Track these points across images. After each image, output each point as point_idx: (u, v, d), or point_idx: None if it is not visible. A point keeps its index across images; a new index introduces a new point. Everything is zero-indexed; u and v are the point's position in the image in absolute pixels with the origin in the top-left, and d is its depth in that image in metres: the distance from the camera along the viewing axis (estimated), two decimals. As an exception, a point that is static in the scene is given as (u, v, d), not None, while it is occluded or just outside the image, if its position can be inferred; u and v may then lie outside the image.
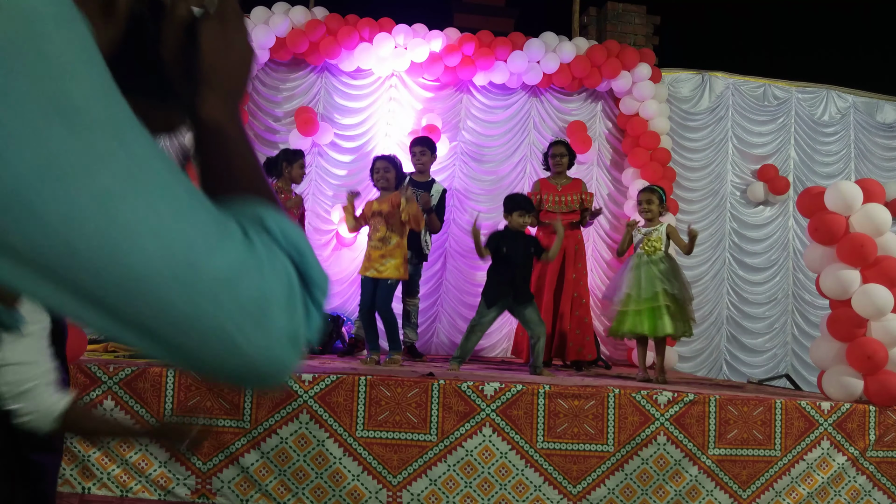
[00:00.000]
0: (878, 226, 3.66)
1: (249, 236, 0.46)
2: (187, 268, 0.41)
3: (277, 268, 0.46)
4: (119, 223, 0.39)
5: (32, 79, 0.37)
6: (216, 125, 0.57)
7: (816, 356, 3.90)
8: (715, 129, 6.72)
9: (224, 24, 0.60)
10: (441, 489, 3.01)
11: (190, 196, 0.43)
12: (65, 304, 0.40)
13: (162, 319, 0.41)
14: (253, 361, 0.44)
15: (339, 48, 5.91)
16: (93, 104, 0.39)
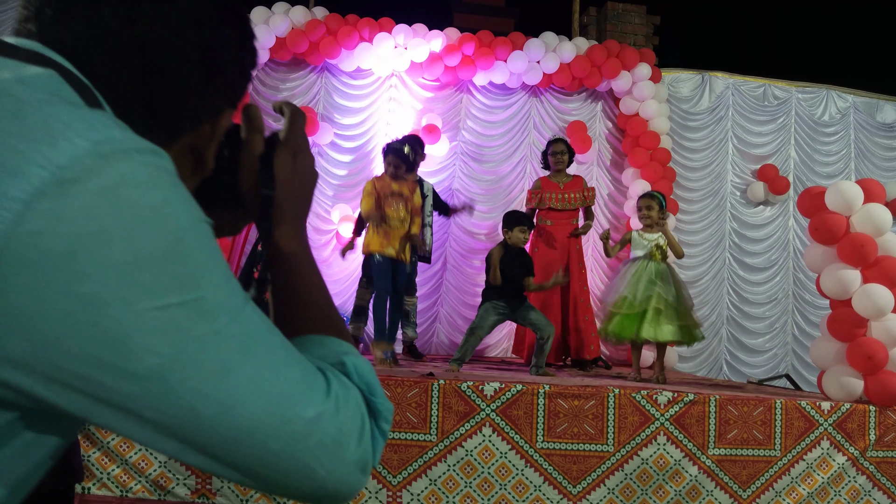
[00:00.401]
0: (878, 226, 3.66)
1: (329, 379, 0.53)
2: (283, 419, 0.48)
3: (351, 405, 0.53)
4: (234, 390, 0.46)
5: (176, 283, 0.44)
6: (291, 254, 0.66)
7: (816, 356, 3.90)
8: (715, 129, 6.72)
9: (294, 154, 0.67)
10: (441, 489, 3.01)
11: (286, 354, 0.51)
12: (174, 451, 0.48)
13: (255, 460, 0.48)
14: (327, 487, 0.51)
15: (339, 48, 5.91)
16: (219, 294, 0.47)
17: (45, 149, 0.41)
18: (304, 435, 0.49)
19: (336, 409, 0.51)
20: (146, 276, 0.43)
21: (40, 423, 0.48)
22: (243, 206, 0.67)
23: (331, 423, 0.50)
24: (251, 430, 0.47)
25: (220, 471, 0.49)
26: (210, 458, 0.48)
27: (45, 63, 0.49)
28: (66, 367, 0.43)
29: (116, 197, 0.42)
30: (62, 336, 0.42)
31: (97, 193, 0.42)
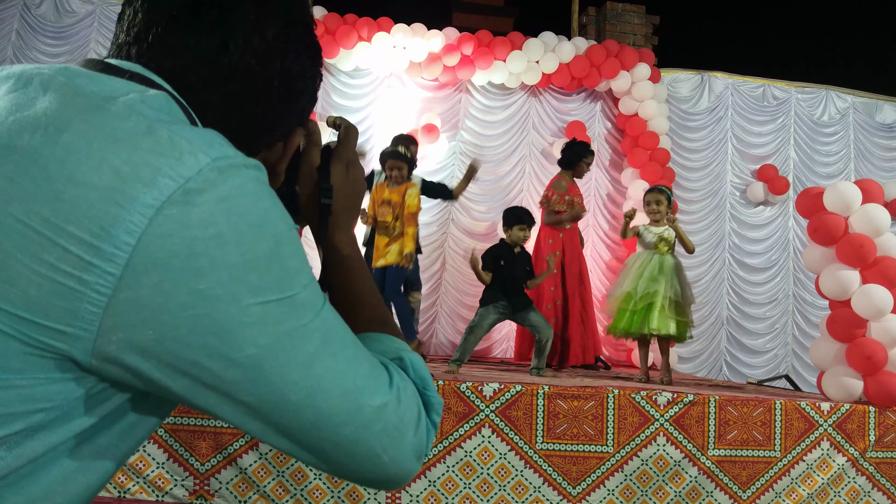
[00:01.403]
0: (877, 226, 3.66)
1: (391, 373, 0.59)
2: (356, 407, 0.54)
3: (410, 397, 0.59)
4: (316, 379, 0.52)
5: (276, 283, 0.50)
6: (346, 257, 0.72)
7: (816, 357, 3.89)
8: (714, 130, 6.71)
9: (347, 166, 0.74)
10: (440, 490, 3.00)
11: (356, 349, 0.57)
12: (258, 432, 0.53)
13: (329, 444, 0.54)
14: (388, 471, 0.57)
15: (337, 47, 5.90)
16: (307, 293, 0.53)
17: (173, 163, 0.47)
18: (371, 422, 0.54)
19: (398, 401, 0.57)
20: (252, 276, 0.49)
21: (146, 405, 0.55)
22: (299, 213, 0.73)
23: (394, 412, 0.56)
24: (329, 415, 0.53)
25: (297, 453, 0.55)
26: (291, 440, 0.54)
27: (153, 85, 0.56)
28: (180, 354, 0.48)
29: (231, 206, 0.49)
30: (181, 326, 0.47)
31: (216, 202, 0.48)
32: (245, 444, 2.93)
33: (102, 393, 0.51)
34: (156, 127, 0.49)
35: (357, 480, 0.57)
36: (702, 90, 6.73)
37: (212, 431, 2.92)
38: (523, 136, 6.47)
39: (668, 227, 4.25)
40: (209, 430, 2.92)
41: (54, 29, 5.96)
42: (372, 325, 0.67)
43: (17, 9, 5.92)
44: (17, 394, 0.47)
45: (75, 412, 0.50)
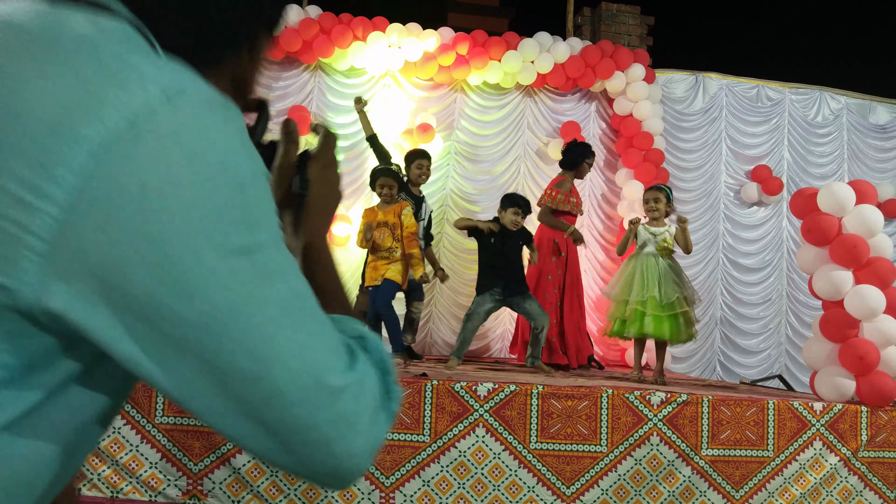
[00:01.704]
0: (870, 227, 3.67)
1: (356, 354, 0.54)
2: (315, 385, 0.49)
3: (370, 383, 0.54)
4: (275, 348, 0.47)
5: (234, 231, 0.45)
6: (316, 245, 0.72)
7: (809, 357, 3.91)
8: (709, 130, 6.73)
9: (325, 167, 0.75)
10: (434, 490, 3.00)
11: (323, 323, 0.52)
12: (202, 408, 0.48)
13: (280, 425, 0.48)
14: (339, 464, 0.51)
15: (332, 47, 5.89)
16: (271, 250, 0.48)
17: (120, 94, 0.43)
18: (329, 404, 0.49)
19: (360, 385, 0.52)
20: (210, 223, 0.44)
21: (92, 374, 0.50)
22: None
23: (354, 397, 0.51)
24: (284, 390, 0.47)
25: (243, 436, 0.49)
26: (236, 419, 0.48)
27: (107, 9, 0.51)
28: (127, 308, 0.44)
29: (187, 141, 0.44)
30: (128, 275, 0.43)
31: (169, 137, 0.43)
32: (238, 443, 2.92)
33: (47, 359, 0.47)
34: (105, 55, 0.45)
35: (305, 474, 0.51)
36: (696, 91, 6.75)
37: (206, 431, 2.91)
38: (518, 137, 6.48)
39: (666, 229, 4.23)
40: (203, 431, 2.91)
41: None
42: (335, 310, 0.64)
43: None
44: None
45: (18, 381, 0.45)
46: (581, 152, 5.09)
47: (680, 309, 4.00)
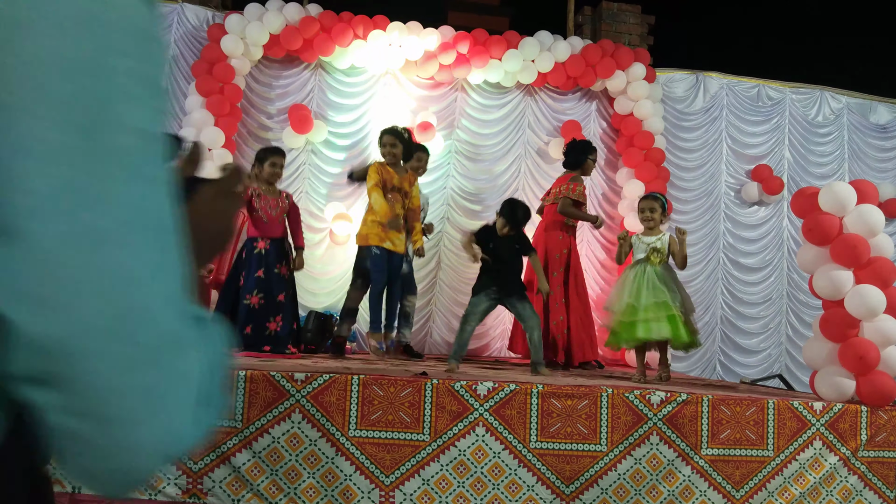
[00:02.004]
0: (871, 226, 3.67)
1: (206, 324, 0.46)
2: (149, 324, 0.40)
3: (204, 368, 0.44)
4: (112, 262, 0.38)
5: (91, 112, 0.37)
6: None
7: (809, 356, 3.91)
8: (709, 130, 6.73)
9: (215, 194, 0.66)
10: (434, 489, 3.00)
11: (178, 265, 0.43)
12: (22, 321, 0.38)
13: (87, 377, 0.38)
14: (132, 458, 0.41)
15: (333, 45, 5.89)
16: (133, 141, 0.40)
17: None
18: (150, 359, 0.40)
19: (197, 356, 0.43)
20: (60, 88, 0.37)
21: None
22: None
23: (194, 364, 0.42)
24: (111, 320, 0.38)
25: (33, 389, 0.39)
26: (32, 357, 0.38)
27: None
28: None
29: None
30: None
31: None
32: (238, 442, 2.92)
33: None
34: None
35: (91, 474, 0.42)
36: (697, 90, 6.74)
37: (205, 430, 2.92)
38: (519, 135, 6.47)
39: (660, 237, 4.22)
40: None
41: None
42: None
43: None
44: None
45: None
46: (583, 149, 5.11)
47: (676, 311, 4.00)
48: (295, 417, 2.96)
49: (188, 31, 6.10)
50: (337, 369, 3.30)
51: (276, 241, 4.32)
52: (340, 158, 6.18)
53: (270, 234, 4.29)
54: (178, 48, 6.06)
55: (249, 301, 4.12)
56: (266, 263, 4.21)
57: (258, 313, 4.12)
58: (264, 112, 6.19)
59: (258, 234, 4.29)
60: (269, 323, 4.13)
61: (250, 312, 4.12)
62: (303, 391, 2.98)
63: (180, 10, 6.11)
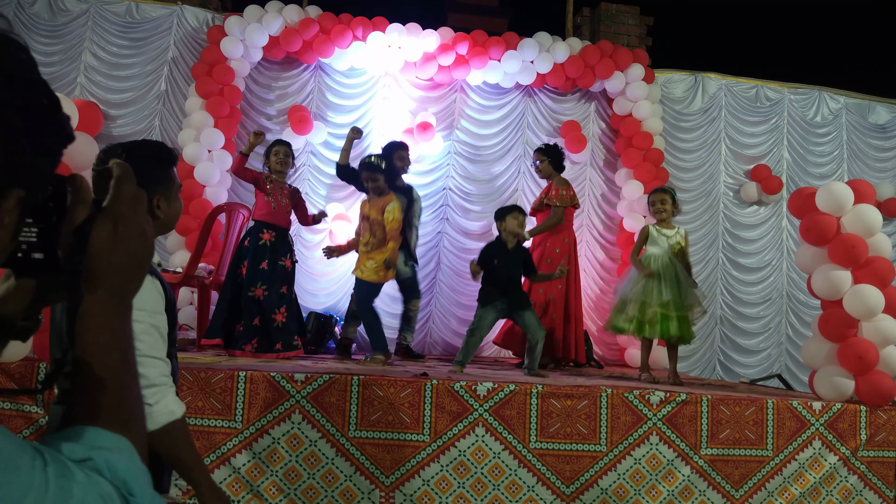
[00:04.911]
0: (869, 226, 3.68)
1: (46, 461, 0.50)
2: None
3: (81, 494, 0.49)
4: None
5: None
6: (96, 329, 0.62)
7: (808, 356, 3.91)
8: (708, 130, 6.74)
9: (115, 223, 0.64)
10: (434, 489, 3.00)
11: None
12: None
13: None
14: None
15: (332, 47, 5.90)
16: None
17: None
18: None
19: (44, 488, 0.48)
20: None
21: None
22: (63, 273, 0.64)
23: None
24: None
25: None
26: None
27: None
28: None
29: None
30: None
31: None
32: (238, 443, 2.93)
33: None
34: None
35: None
36: (695, 91, 6.75)
37: (205, 431, 2.92)
38: (518, 136, 6.49)
39: (677, 231, 4.26)
40: (203, 430, 2.92)
41: (48, 28, 5.94)
42: (100, 412, 0.60)
43: (11, 7, 5.89)
44: None
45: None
46: (561, 152, 5.22)
47: (677, 308, 4.03)
48: (295, 418, 2.96)
49: (188, 33, 6.11)
50: (337, 370, 3.31)
51: (282, 232, 4.33)
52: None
53: (276, 221, 4.31)
54: (178, 50, 6.07)
55: (253, 293, 4.12)
56: (270, 255, 4.22)
57: (263, 305, 4.13)
58: (264, 113, 6.20)
59: (265, 219, 4.28)
60: (274, 315, 4.13)
61: (257, 304, 4.12)
62: (303, 392, 2.98)
63: (180, 11, 6.12)
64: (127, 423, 0.62)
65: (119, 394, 0.63)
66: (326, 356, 4.67)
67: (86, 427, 0.59)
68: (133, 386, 0.65)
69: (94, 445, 0.56)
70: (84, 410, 0.60)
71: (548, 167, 5.12)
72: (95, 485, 0.52)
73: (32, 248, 0.63)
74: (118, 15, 6.04)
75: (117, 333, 0.65)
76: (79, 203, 0.64)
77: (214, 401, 2.93)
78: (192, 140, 5.57)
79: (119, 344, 0.64)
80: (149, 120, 5.97)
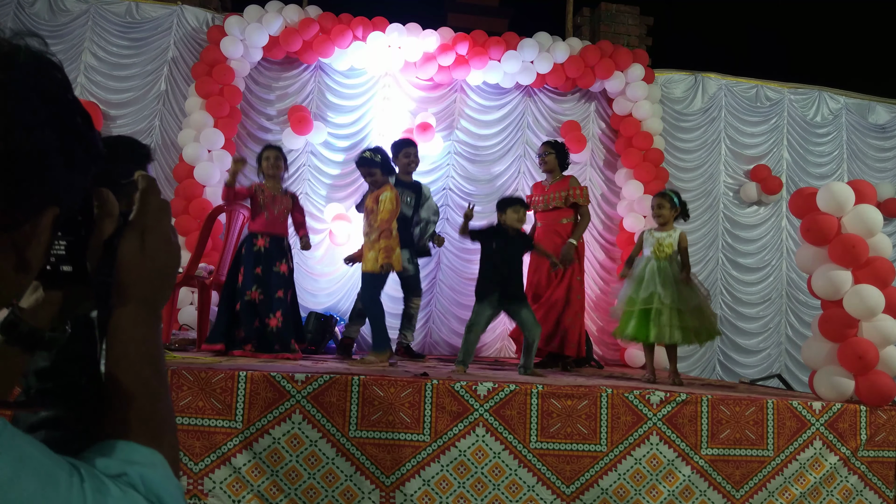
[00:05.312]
0: (869, 226, 3.68)
1: (82, 475, 0.51)
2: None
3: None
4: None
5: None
6: (128, 341, 0.63)
7: (808, 356, 3.91)
8: (708, 130, 6.74)
9: (143, 235, 0.66)
10: (434, 489, 3.00)
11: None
12: None
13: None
14: None
15: (332, 47, 5.90)
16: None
17: None
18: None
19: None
20: None
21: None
22: (91, 285, 0.66)
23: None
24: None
25: None
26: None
27: None
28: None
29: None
30: None
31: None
32: (239, 443, 2.92)
33: None
34: None
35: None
36: (695, 91, 6.76)
37: (205, 431, 2.92)
38: (518, 136, 6.49)
39: (669, 234, 4.25)
40: (203, 430, 2.92)
41: (48, 28, 5.94)
42: (133, 426, 0.61)
43: (11, 7, 5.89)
44: None
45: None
46: (568, 151, 5.25)
47: (659, 305, 4.04)
48: (295, 418, 2.96)
49: (188, 33, 6.11)
50: (337, 370, 3.31)
51: (277, 239, 4.29)
52: (340, 160, 6.19)
53: (271, 230, 4.27)
54: (178, 50, 6.07)
55: (249, 297, 4.12)
56: (265, 261, 4.21)
57: (259, 308, 4.13)
58: (264, 114, 6.20)
59: (258, 230, 4.27)
60: (268, 319, 4.12)
61: (252, 307, 4.12)
62: (303, 392, 2.98)
63: (180, 11, 6.12)
64: (159, 437, 0.62)
65: (151, 406, 0.63)
66: (327, 356, 4.67)
67: (119, 441, 0.59)
68: (164, 398, 0.65)
69: (128, 460, 0.57)
70: (116, 424, 0.61)
71: (553, 161, 5.11)
72: (131, 500, 0.53)
73: (61, 261, 0.64)
74: (118, 15, 6.04)
75: (148, 345, 0.65)
76: (106, 216, 0.66)
77: (215, 401, 2.93)
78: (192, 140, 5.57)
79: (150, 355, 0.65)
80: (149, 120, 5.97)
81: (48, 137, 0.55)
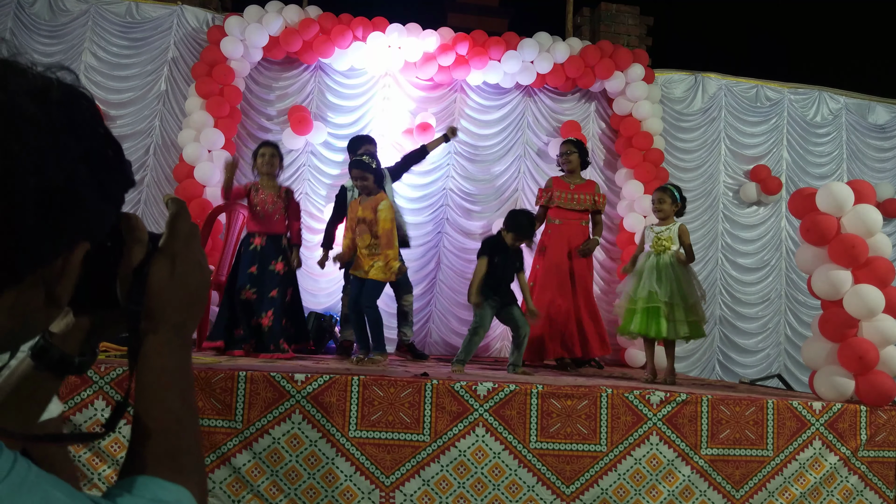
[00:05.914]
0: (869, 226, 3.68)
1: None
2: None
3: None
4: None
5: None
6: (158, 370, 0.63)
7: (808, 356, 3.91)
8: (708, 130, 6.74)
9: (173, 261, 0.66)
10: (434, 489, 3.00)
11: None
12: None
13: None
14: None
15: (332, 47, 5.90)
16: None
17: None
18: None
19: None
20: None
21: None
22: (121, 309, 0.65)
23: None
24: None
25: None
26: None
27: None
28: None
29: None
30: None
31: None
32: (238, 443, 2.92)
33: None
34: None
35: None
36: (695, 91, 6.75)
37: (205, 431, 2.92)
38: (518, 136, 6.49)
39: (668, 227, 4.25)
40: (203, 430, 2.92)
41: (48, 28, 5.94)
42: (160, 460, 0.60)
43: (11, 7, 5.89)
44: None
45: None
46: (586, 149, 5.29)
47: (659, 303, 4.05)
48: (295, 418, 2.96)
49: (188, 34, 6.11)
50: (337, 370, 3.31)
51: (273, 238, 4.28)
52: (340, 160, 6.19)
53: (267, 229, 4.26)
54: (178, 50, 6.07)
55: (244, 296, 4.12)
56: (260, 260, 4.20)
57: (253, 307, 4.13)
58: (264, 114, 6.20)
59: (255, 230, 4.27)
60: (260, 318, 4.12)
61: (248, 306, 4.12)
62: (303, 392, 2.98)
63: (180, 12, 6.12)
64: (186, 472, 0.61)
65: (178, 440, 0.62)
66: (326, 356, 4.67)
67: (145, 478, 0.58)
68: (192, 430, 0.64)
69: (154, 499, 0.56)
70: (142, 459, 0.60)
71: (577, 160, 5.13)
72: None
73: (91, 287, 0.63)
74: (118, 15, 6.04)
75: (177, 374, 0.65)
76: (135, 243, 0.66)
77: (215, 400, 2.93)
78: (192, 140, 5.57)
79: (178, 385, 0.65)
80: (149, 120, 5.97)
81: (81, 173, 0.55)
